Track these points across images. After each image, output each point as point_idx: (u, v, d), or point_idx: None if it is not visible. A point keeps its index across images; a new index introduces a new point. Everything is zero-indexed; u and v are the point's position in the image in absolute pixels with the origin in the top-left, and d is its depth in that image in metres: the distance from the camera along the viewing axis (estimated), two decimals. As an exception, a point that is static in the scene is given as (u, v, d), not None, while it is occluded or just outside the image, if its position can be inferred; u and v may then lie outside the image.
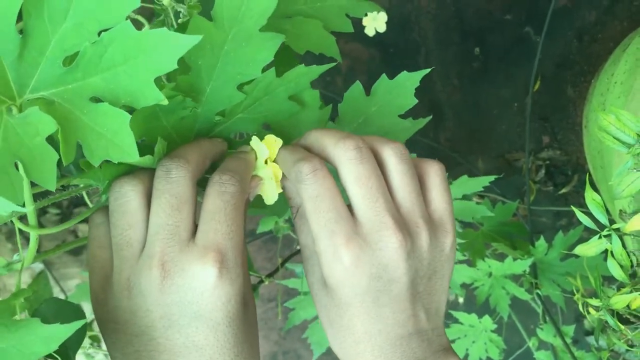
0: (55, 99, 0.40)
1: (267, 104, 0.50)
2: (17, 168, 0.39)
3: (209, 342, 0.38)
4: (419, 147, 1.35)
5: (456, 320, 1.02)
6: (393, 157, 0.42)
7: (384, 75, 0.58)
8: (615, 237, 0.66)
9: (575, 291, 0.85)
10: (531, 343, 1.00)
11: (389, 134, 0.60)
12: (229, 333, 0.39)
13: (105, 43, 0.38)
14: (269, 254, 1.37)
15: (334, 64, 0.50)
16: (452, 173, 1.39)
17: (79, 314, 0.53)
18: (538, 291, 0.96)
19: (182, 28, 0.62)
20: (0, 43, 0.38)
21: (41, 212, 1.39)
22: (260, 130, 0.52)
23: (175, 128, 0.49)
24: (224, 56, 0.47)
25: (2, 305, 0.40)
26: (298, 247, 1.06)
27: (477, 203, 0.99)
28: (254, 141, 0.48)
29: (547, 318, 0.95)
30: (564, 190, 1.42)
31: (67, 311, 0.53)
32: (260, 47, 0.47)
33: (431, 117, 0.60)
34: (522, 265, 0.94)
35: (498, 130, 1.40)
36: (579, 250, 0.68)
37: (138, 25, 0.56)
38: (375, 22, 1.12)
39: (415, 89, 0.58)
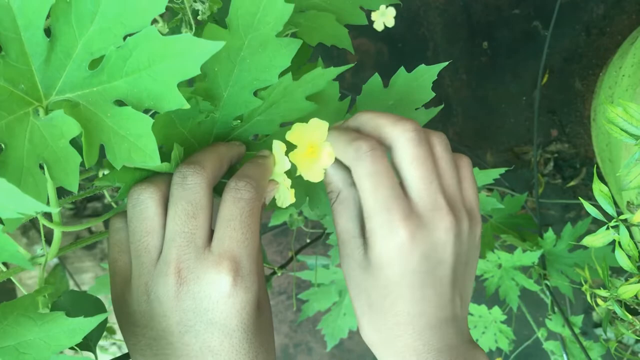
0: (80, 101, 0.42)
1: (285, 105, 0.51)
2: (41, 168, 0.40)
3: (224, 347, 0.39)
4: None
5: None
6: (439, 145, 0.44)
7: (402, 68, 0.58)
8: (622, 227, 0.68)
9: (583, 282, 0.86)
10: (540, 334, 1.01)
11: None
12: (243, 339, 0.39)
13: (131, 47, 0.40)
14: (279, 247, 1.38)
15: (351, 65, 0.51)
16: (461, 167, 1.40)
17: (98, 306, 0.55)
18: (547, 282, 0.97)
19: (201, 28, 0.64)
20: (29, 46, 0.40)
21: (55, 208, 1.41)
22: (277, 131, 0.53)
23: (192, 133, 0.50)
24: (240, 62, 0.48)
25: (27, 300, 0.42)
26: (308, 240, 1.08)
27: (486, 196, 1.00)
28: (276, 146, 0.48)
29: (556, 309, 0.96)
30: (572, 183, 1.43)
31: (86, 303, 0.55)
32: (277, 53, 0.47)
33: (442, 105, 0.61)
34: (531, 257, 0.95)
35: (506, 124, 1.40)
36: (587, 241, 0.69)
37: (154, 23, 0.58)
38: (384, 17, 1.13)
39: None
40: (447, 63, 0.57)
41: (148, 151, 0.41)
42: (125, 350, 0.70)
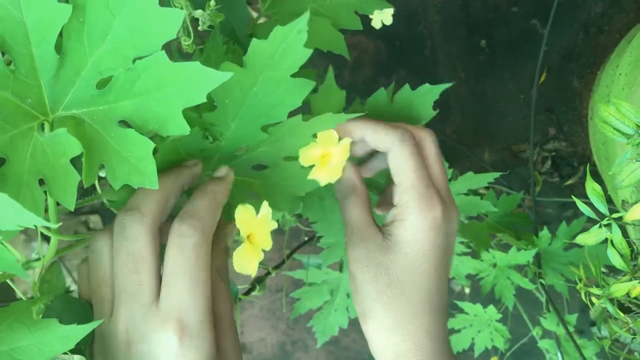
0: (85, 119, 0.42)
1: (291, 141, 0.52)
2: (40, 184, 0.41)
3: None
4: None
5: (461, 310, 1.03)
6: (432, 143, 0.49)
7: (406, 86, 0.59)
8: (615, 226, 0.67)
9: (578, 280, 0.86)
10: (535, 332, 1.01)
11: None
12: None
13: (140, 70, 0.40)
14: (275, 245, 1.38)
15: (362, 113, 0.52)
16: (459, 165, 1.40)
17: (87, 311, 0.56)
18: (542, 281, 0.97)
19: (204, 39, 0.64)
20: (39, 62, 0.40)
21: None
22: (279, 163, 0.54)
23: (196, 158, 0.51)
24: (252, 97, 0.48)
25: (21, 306, 0.42)
26: (305, 238, 1.08)
27: (482, 194, 1.00)
28: (239, 214, 0.45)
29: (551, 307, 0.96)
30: (569, 182, 1.43)
31: (77, 308, 0.55)
32: (289, 93, 0.48)
33: (438, 111, 0.61)
34: (526, 256, 0.95)
35: (504, 122, 1.40)
36: (580, 239, 0.69)
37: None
38: (382, 15, 1.13)
39: (422, 81, 0.60)
40: (450, 84, 0.58)
41: (148, 174, 0.41)
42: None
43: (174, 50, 0.63)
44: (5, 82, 0.40)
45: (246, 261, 0.45)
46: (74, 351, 0.48)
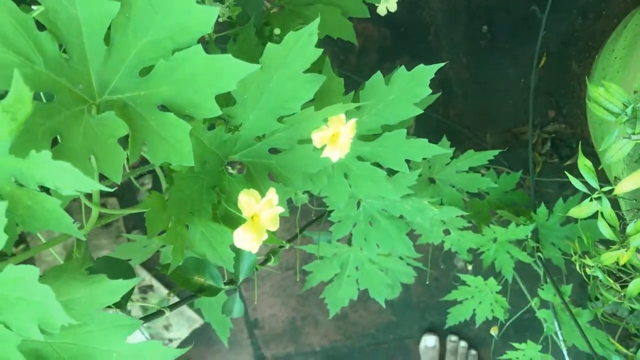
0: (129, 103, 0.48)
1: (305, 126, 0.58)
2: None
3: None
4: (430, 123, 1.42)
5: (463, 283, 1.09)
6: None
7: (402, 67, 0.66)
8: (605, 199, 0.73)
9: (573, 253, 0.92)
10: (533, 303, 1.07)
11: (403, 116, 0.69)
12: None
13: (178, 61, 0.46)
14: (287, 224, 1.44)
15: (367, 103, 0.58)
16: (461, 147, 1.45)
17: (129, 270, 0.62)
18: (540, 254, 1.03)
19: (234, 43, 0.70)
20: (90, 51, 0.46)
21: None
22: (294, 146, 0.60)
23: (219, 149, 0.58)
24: (268, 92, 0.54)
25: (75, 264, 0.48)
26: (314, 217, 1.14)
27: (483, 174, 1.05)
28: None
29: (548, 279, 1.02)
30: (569, 162, 1.48)
31: (119, 268, 0.61)
32: (302, 87, 0.54)
33: (440, 93, 0.67)
34: (524, 231, 1.00)
35: (505, 105, 1.45)
36: (573, 212, 0.75)
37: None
38: (387, 2, 1.18)
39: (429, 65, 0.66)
40: (443, 64, 0.64)
41: (185, 154, 0.48)
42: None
43: (210, 42, 0.68)
44: (61, 69, 0.46)
45: (247, 238, 0.51)
46: (117, 305, 0.54)
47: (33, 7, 0.45)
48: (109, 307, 0.53)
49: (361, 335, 1.62)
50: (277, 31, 0.70)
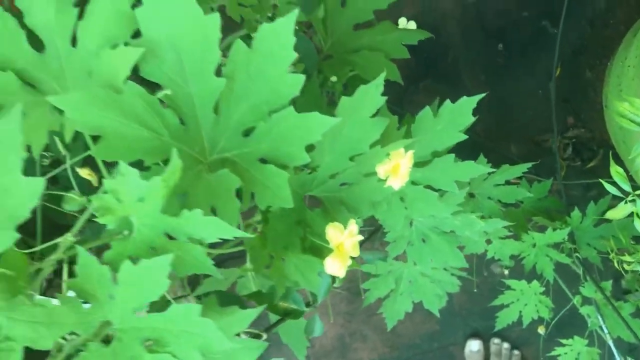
0: (235, 159, 0.57)
1: (371, 162, 0.66)
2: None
3: None
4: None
5: (508, 287, 1.16)
6: None
7: (447, 101, 0.75)
8: (639, 201, 0.81)
9: (609, 251, 1.00)
10: (575, 300, 1.14)
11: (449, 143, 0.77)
12: None
13: (274, 121, 0.55)
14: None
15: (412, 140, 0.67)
16: (489, 159, 1.53)
17: (241, 301, 0.70)
18: (577, 254, 1.10)
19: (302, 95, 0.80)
20: (202, 120, 0.55)
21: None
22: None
23: (300, 187, 0.67)
24: (342, 137, 0.64)
25: (211, 300, 0.57)
26: (364, 237, 1.22)
27: (514, 184, 1.14)
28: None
29: (588, 277, 1.09)
30: (591, 164, 1.56)
31: (232, 300, 0.69)
32: (370, 129, 0.63)
33: (477, 117, 0.76)
34: (561, 234, 1.08)
35: (525, 116, 1.54)
36: (610, 214, 0.83)
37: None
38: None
39: (448, 87, 0.75)
40: (483, 95, 0.72)
41: (285, 197, 0.56)
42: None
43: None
44: (181, 137, 0.55)
45: (336, 265, 0.60)
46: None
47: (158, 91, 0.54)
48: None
49: (407, 346, 1.69)
50: (333, 79, 0.79)
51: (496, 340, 1.66)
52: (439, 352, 1.69)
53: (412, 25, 1.33)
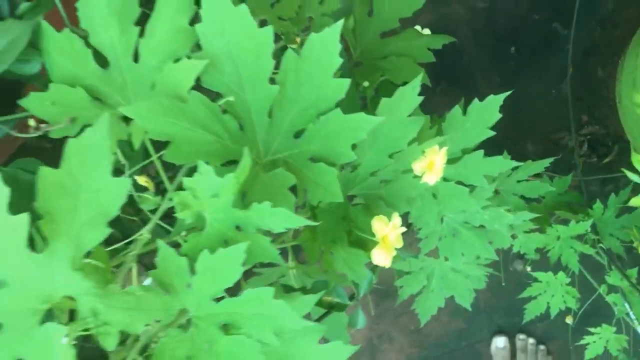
0: (287, 160, 0.61)
1: (409, 159, 0.70)
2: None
3: None
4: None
5: (535, 280, 1.20)
6: None
7: (476, 99, 0.79)
8: (660, 188, 0.85)
9: (633, 239, 1.04)
10: (602, 290, 1.18)
11: (478, 140, 0.82)
12: None
13: (323, 123, 0.59)
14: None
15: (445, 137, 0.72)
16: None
17: (293, 289, 0.74)
18: (601, 245, 1.14)
19: None
20: (257, 124, 0.60)
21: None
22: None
23: (344, 185, 0.71)
24: (382, 135, 0.68)
25: (276, 286, 0.61)
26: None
27: (539, 181, 1.18)
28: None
29: (613, 265, 1.13)
30: (607, 160, 1.59)
31: (291, 291, 0.72)
32: (407, 128, 0.68)
33: (501, 115, 0.81)
34: (584, 226, 1.12)
35: (540, 115, 1.58)
36: (634, 201, 0.87)
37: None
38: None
39: (463, 90, 0.80)
40: (509, 92, 0.77)
41: (336, 193, 0.61)
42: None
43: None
44: (239, 141, 0.60)
45: (382, 256, 0.64)
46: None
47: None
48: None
49: (435, 345, 1.72)
50: (365, 84, 0.84)
51: (522, 336, 1.69)
52: (466, 350, 1.72)
53: (427, 32, 1.39)
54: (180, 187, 0.53)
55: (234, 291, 0.55)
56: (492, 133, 0.83)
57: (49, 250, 0.45)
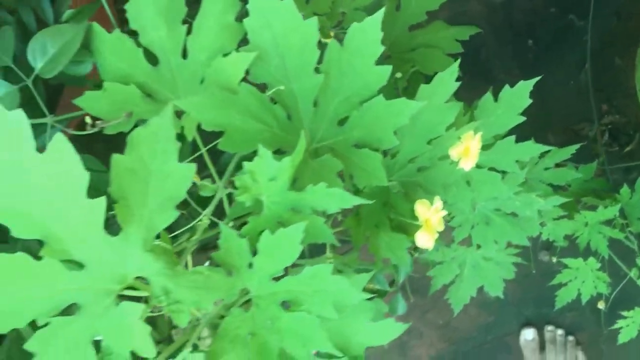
0: (333, 146, 0.64)
1: (446, 145, 0.72)
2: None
3: None
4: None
5: (566, 266, 1.21)
6: None
7: (507, 86, 0.81)
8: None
9: (662, 221, 1.05)
10: (632, 273, 1.19)
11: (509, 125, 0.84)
12: None
13: (365, 110, 0.62)
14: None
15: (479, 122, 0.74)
16: (529, 150, 1.60)
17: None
18: (630, 229, 1.16)
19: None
20: (303, 113, 0.62)
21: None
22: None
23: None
24: (420, 121, 0.70)
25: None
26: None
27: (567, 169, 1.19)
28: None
29: (643, 249, 1.14)
30: (628, 149, 1.61)
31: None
32: (445, 113, 0.70)
33: (532, 100, 0.83)
34: (612, 211, 1.13)
35: (560, 106, 1.60)
36: (664, 181, 0.88)
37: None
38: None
39: (484, 82, 0.82)
40: (539, 78, 0.79)
41: (380, 177, 0.63)
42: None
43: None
44: (287, 129, 0.63)
45: (425, 238, 0.66)
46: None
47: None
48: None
49: (464, 339, 1.73)
50: (398, 75, 0.87)
51: (550, 328, 1.70)
52: (495, 343, 1.73)
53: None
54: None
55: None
56: (523, 118, 0.85)
57: (124, 233, 0.48)
